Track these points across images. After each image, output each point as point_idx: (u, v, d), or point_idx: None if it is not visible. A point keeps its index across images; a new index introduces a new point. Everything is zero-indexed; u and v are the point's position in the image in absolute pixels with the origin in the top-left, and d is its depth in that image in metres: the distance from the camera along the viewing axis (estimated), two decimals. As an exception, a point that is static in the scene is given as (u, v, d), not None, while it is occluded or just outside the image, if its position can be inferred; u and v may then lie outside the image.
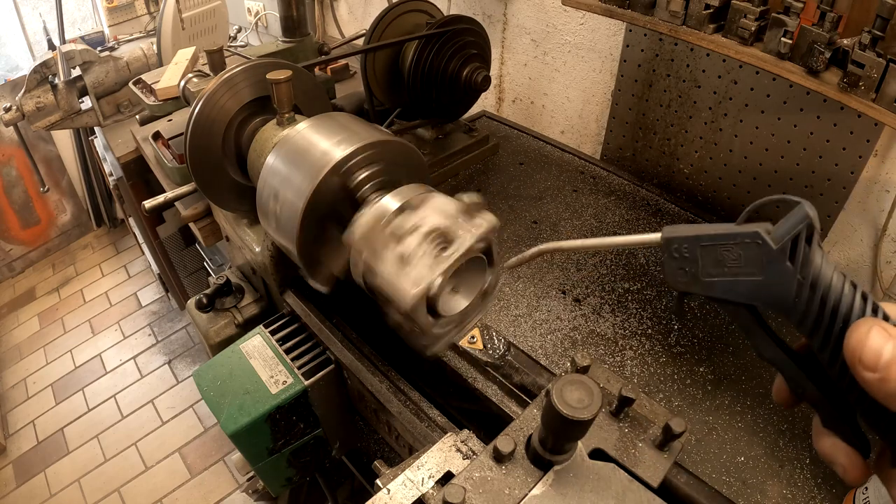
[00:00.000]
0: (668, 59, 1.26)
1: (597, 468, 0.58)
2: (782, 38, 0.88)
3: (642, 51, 1.30)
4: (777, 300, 0.35)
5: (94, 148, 2.53)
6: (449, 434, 0.69)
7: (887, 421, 0.34)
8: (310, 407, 0.99)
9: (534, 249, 0.56)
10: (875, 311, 0.34)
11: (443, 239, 0.59)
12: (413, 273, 0.57)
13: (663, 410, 0.66)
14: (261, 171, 0.76)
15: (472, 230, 0.59)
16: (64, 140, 3.45)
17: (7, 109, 1.77)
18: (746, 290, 0.36)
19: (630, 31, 1.31)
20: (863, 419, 0.36)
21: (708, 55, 1.18)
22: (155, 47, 1.91)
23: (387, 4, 1.39)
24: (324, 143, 0.72)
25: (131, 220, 2.80)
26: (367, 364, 0.92)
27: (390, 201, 0.64)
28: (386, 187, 0.71)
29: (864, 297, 0.34)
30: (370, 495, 0.61)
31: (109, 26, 2.57)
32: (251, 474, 1.32)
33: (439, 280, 0.57)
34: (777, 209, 0.37)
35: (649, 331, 0.94)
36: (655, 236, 0.40)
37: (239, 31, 2.54)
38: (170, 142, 1.37)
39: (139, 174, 1.84)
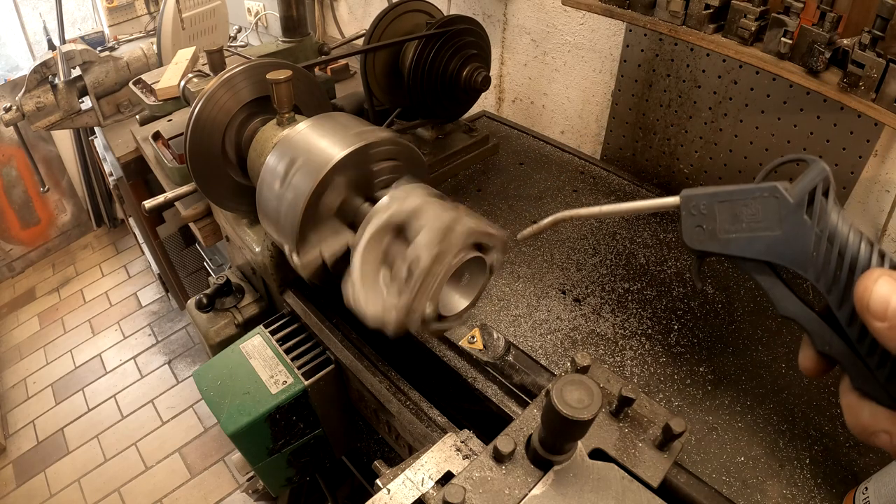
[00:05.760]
0: (668, 59, 1.26)
1: (597, 468, 0.58)
2: (782, 38, 0.88)
3: (642, 51, 1.30)
4: (795, 255, 0.35)
5: (94, 148, 2.53)
6: (449, 434, 0.69)
7: None
8: (310, 407, 0.99)
9: (549, 218, 0.53)
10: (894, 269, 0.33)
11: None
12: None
13: (663, 410, 0.66)
14: (261, 172, 0.76)
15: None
16: (64, 140, 3.45)
17: (7, 109, 1.77)
18: (764, 247, 0.35)
19: (630, 31, 1.30)
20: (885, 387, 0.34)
21: (708, 55, 1.18)
22: (155, 47, 1.91)
23: (387, 4, 1.39)
24: (324, 143, 0.72)
25: (131, 220, 2.80)
26: (367, 364, 0.92)
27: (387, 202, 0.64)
28: (385, 187, 0.71)
29: (882, 255, 0.33)
30: (370, 495, 0.61)
31: (109, 26, 2.57)
32: (251, 474, 1.32)
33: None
34: (796, 166, 0.37)
35: (649, 331, 0.94)
36: (674, 199, 0.40)
37: (239, 31, 2.54)
38: (170, 142, 1.37)
39: (139, 174, 1.84)
